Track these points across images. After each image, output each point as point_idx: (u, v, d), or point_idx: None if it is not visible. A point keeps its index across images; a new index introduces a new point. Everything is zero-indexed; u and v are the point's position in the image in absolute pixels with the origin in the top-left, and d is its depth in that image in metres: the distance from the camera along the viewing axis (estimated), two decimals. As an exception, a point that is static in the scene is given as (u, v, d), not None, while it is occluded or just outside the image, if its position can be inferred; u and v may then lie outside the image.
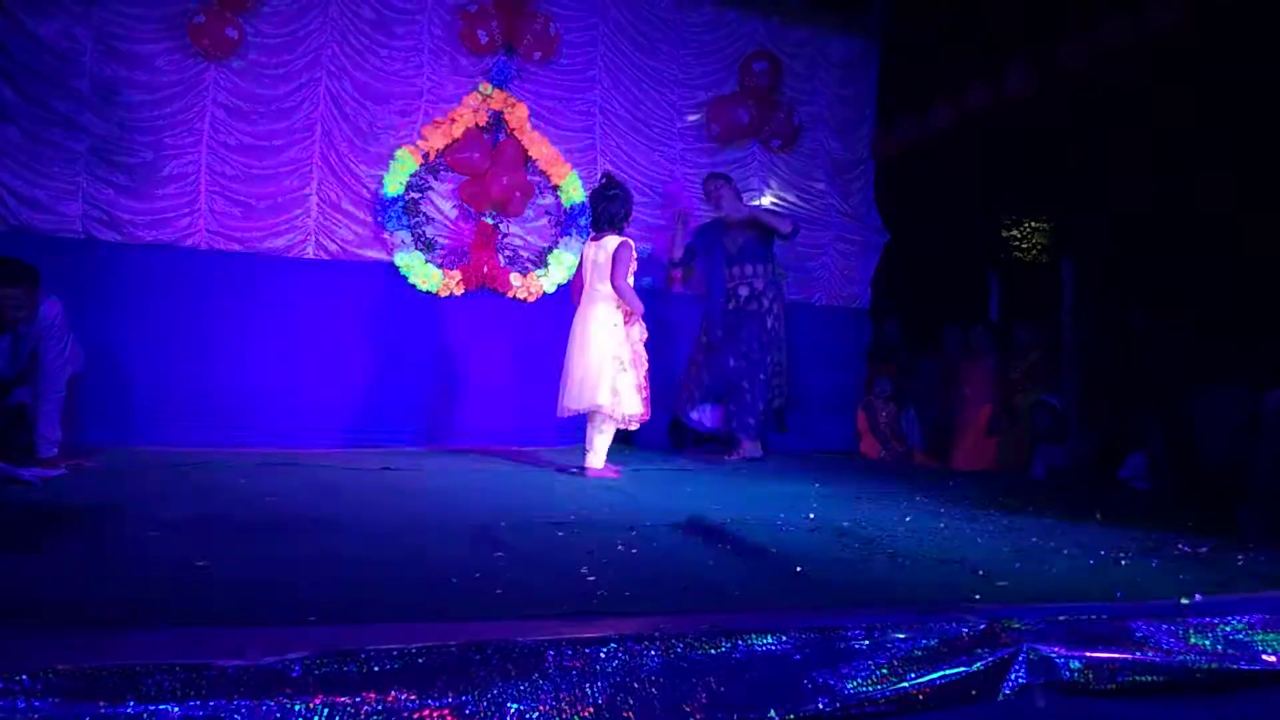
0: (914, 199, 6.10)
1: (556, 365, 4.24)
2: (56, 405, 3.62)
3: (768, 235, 5.11)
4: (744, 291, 5.00)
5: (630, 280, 4.13)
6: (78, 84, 4.71)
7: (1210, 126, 4.17)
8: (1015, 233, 5.86)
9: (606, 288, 4.09)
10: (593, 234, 4.29)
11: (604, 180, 4.35)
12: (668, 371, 5.28)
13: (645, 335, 4.19)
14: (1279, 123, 3.87)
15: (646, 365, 4.16)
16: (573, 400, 4.08)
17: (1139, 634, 1.73)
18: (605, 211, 4.20)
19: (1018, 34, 5.16)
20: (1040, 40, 4.97)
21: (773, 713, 1.44)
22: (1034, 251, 5.78)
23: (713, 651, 1.47)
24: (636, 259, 4.24)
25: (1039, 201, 5.62)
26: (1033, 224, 5.78)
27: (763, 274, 5.05)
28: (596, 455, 4.13)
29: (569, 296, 4.65)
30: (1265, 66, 3.90)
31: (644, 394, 4.11)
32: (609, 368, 4.02)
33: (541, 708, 1.32)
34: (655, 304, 4.93)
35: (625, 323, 4.11)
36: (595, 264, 4.16)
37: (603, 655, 1.41)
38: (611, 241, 4.13)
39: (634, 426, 4.17)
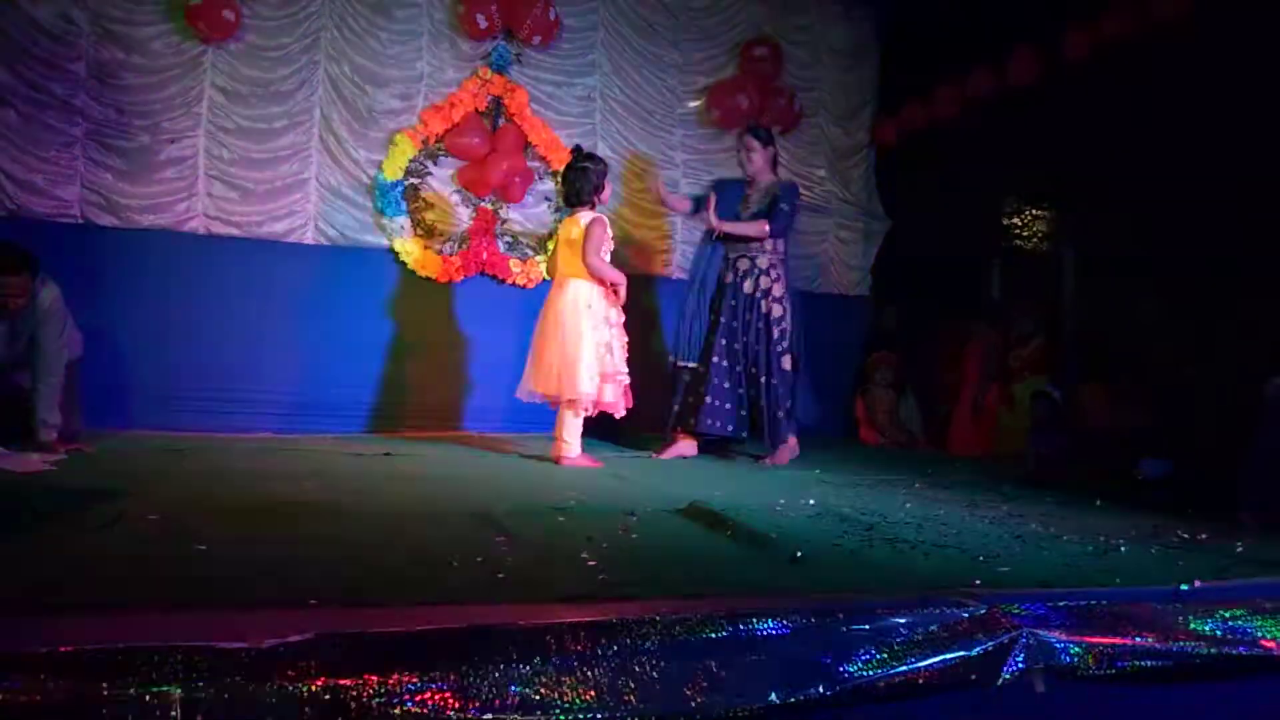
0: (915, 186, 6.08)
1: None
2: (55, 390, 3.61)
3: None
4: (743, 266, 4.44)
5: (606, 258, 4.00)
6: (74, 67, 4.67)
7: (1213, 117, 4.16)
8: (1016, 220, 5.85)
9: (579, 267, 3.97)
10: (567, 211, 4.17)
11: (574, 152, 4.25)
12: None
13: (622, 316, 4.05)
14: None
15: (626, 348, 4.03)
16: (543, 385, 3.96)
17: (1138, 620, 1.74)
18: (572, 186, 4.07)
19: (1022, 21, 5.12)
20: (1045, 28, 4.94)
21: (773, 696, 1.44)
22: (1035, 240, 5.78)
23: (713, 635, 1.47)
24: (611, 237, 4.09)
25: (1041, 189, 5.61)
26: (1034, 212, 5.77)
27: (769, 250, 4.46)
28: (570, 445, 3.95)
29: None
30: (1266, 56, 3.89)
31: (624, 381, 4.00)
32: (590, 355, 3.89)
33: (543, 690, 1.33)
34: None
35: (608, 301, 3.99)
36: (569, 242, 4.03)
37: (604, 639, 1.41)
38: (584, 218, 4.01)
39: (620, 413, 4.06)
